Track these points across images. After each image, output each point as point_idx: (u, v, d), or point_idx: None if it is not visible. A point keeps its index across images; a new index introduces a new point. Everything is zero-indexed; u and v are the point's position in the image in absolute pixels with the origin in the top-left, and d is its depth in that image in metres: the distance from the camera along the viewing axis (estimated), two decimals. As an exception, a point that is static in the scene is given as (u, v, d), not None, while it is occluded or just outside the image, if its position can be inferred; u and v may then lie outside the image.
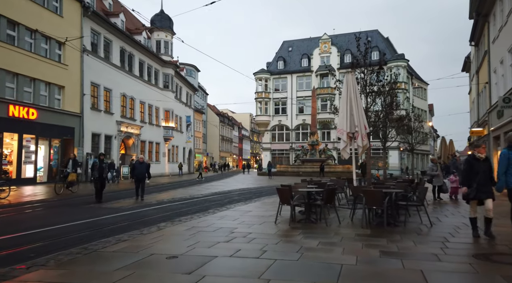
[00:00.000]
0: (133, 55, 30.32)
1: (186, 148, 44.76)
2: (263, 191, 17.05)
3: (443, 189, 11.76)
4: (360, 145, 10.08)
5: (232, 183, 23.89)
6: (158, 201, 12.24)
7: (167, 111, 36.39)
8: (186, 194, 14.73)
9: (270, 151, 53.71)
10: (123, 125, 28.04)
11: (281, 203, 7.59)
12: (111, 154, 26.65)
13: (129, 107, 29.62)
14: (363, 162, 22.13)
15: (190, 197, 13.49)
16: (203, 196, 13.92)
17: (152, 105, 33.76)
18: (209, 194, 14.80)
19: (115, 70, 27.30)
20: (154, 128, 34.31)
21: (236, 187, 19.36)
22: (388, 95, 14.34)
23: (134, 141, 30.08)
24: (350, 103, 10.12)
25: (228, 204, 11.07)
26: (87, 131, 23.47)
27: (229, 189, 17.67)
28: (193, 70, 63.74)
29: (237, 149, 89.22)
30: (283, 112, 53.36)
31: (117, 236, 6.12)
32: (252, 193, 15.83)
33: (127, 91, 28.80)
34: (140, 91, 30.64)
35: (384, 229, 6.59)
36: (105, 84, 25.80)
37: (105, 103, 26.10)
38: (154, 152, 34.12)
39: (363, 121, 10.16)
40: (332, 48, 51.45)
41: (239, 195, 14.75)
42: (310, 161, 39.20)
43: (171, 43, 36.87)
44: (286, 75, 53.31)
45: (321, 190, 7.99)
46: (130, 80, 29.76)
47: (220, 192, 15.84)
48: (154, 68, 34.37)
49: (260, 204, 11.06)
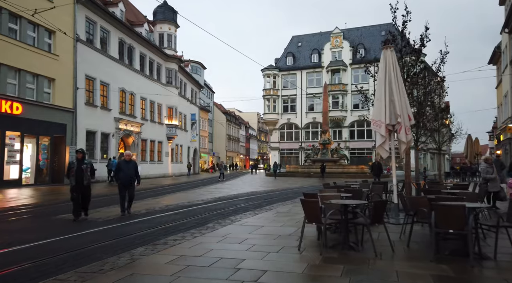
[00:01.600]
0: (133, 47, 28.36)
1: (191, 148, 42.77)
2: (274, 195, 14.86)
3: (500, 196, 9.45)
4: (404, 141, 7.84)
5: (239, 185, 21.74)
6: (148, 210, 10.08)
7: (170, 108, 34.40)
8: (185, 200, 12.60)
9: (278, 150, 51.47)
10: (122, 122, 26.08)
11: (308, 221, 5.37)
12: (108, 153, 24.70)
13: (129, 103, 27.66)
14: (376, 162, 20.06)
15: (188, 204, 11.32)
16: (203, 203, 11.76)
17: (154, 102, 31.79)
18: (212, 200, 12.63)
19: (113, 63, 25.35)
20: (156, 126, 32.34)
21: (243, 190, 17.20)
22: (429, 83, 11.78)
23: (134, 140, 28.12)
24: (390, 87, 7.86)
25: (232, 215, 8.90)
26: (81, 128, 21.53)
27: (235, 193, 15.50)
28: (199, 67, 61.80)
29: (244, 148, 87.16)
30: (292, 110, 51.10)
31: (60, 276, 3.99)
32: (261, 198, 13.64)
33: (126, 86, 26.84)
34: (141, 86, 28.67)
35: (467, 264, 4.36)
36: (101, 78, 23.86)
37: (101, 98, 24.15)
38: (156, 152, 32.15)
39: (406, 110, 7.90)
40: (344, 42, 49.02)
41: (247, 201, 12.57)
42: (322, 161, 36.88)
43: (174, 37, 34.88)
44: (295, 71, 51.04)
45: (363, 203, 5.79)
46: (130, 74, 27.80)
47: (224, 197, 13.68)
48: (157, 62, 32.40)
49: (273, 215, 8.88)
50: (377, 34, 49.59)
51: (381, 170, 19.66)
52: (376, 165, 19.37)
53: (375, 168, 19.13)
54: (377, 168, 18.95)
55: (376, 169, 18.92)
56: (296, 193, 15.55)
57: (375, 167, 19.17)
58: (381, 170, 19.43)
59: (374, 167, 19.30)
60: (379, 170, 18.92)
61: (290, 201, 12.04)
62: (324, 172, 30.52)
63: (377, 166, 19.18)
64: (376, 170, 18.85)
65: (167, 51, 33.69)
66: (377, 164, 19.47)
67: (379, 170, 18.98)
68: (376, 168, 19.00)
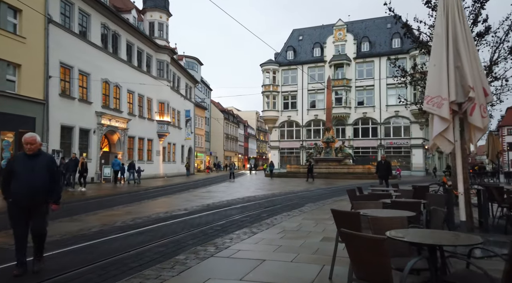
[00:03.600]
0: (118, 35, 25.65)
1: (186, 146, 40.08)
2: (277, 201, 12.20)
3: None
4: (480, 126, 5.18)
5: (235, 188, 19.07)
6: (103, 227, 7.25)
7: (162, 103, 31.71)
8: (163, 209, 9.90)
9: (278, 149, 48.83)
10: (105, 117, 23.39)
11: (358, 276, 2.65)
12: (89, 151, 22.01)
13: (114, 96, 24.96)
14: (383, 160, 15.02)
15: (163, 217, 8.58)
16: (185, 214, 9.04)
17: (143, 96, 29.09)
18: (197, 210, 9.93)
19: (94, 50, 22.65)
20: (146, 122, 29.64)
21: (239, 195, 14.52)
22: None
23: (120, 137, 25.41)
24: (456, 46, 5.17)
25: (219, 236, 6.24)
26: (54, 122, 18.83)
27: (230, 199, 12.83)
28: (195, 63, 59.16)
29: (242, 148, 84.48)
30: (292, 107, 48.47)
31: None
32: (260, 205, 10.97)
33: (110, 77, 24.13)
34: (128, 78, 25.96)
35: None
36: (80, 67, 21.16)
37: (80, 89, 21.45)
38: (146, 150, 29.45)
39: (481, 81, 5.21)
40: (348, 35, 46.40)
41: (242, 210, 9.89)
42: (325, 160, 34.26)
43: (166, 26, 32.20)
44: (296, 66, 48.37)
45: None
46: (115, 64, 25.10)
47: (215, 205, 10.98)
48: (146, 52, 29.71)
49: (278, 235, 6.22)
50: (383, 26, 47.03)
51: (390, 170, 14.98)
52: (383, 164, 14.56)
53: (381, 168, 14.39)
54: (385, 168, 14.23)
55: (383, 169, 14.23)
56: (302, 198, 12.89)
57: (381, 167, 14.42)
58: (390, 170, 14.81)
59: (380, 166, 14.53)
60: (387, 171, 14.29)
61: (298, 211, 9.40)
62: (312, 172, 27.11)
63: (385, 165, 14.43)
64: (383, 171, 14.22)
65: (158, 42, 31.00)
66: (384, 163, 14.75)
67: (387, 171, 14.37)
68: (383, 168, 14.27)
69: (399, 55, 43.67)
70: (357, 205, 4.79)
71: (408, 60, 42.74)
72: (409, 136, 42.92)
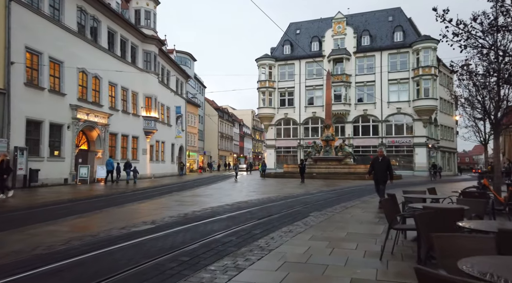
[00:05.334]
0: (98, 21, 23.20)
1: (176, 145, 37.65)
2: (273, 209, 9.89)
3: None
4: None
5: (225, 191, 16.75)
6: (24, 255, 5.01)
7: (149, 98, 29.27)
8: (121, 223, 7.35)
9: (274, 148, 46.55)
10: (82, 111, 20.95)
11: None
12: (61, 149, 19.57)
13: (92, 88, 22.51)
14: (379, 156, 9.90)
15: (114, 237, 5.91)
16: (147, 233, 6.33)
17: (127, 89, 26.66)
18: (168, 224, 7.36)
19: (69, 36, 20.20)
20: (131, 118, 27.21)
21: (229, 200, 12.19)
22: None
23: (100, 133, 22.97)
24: None
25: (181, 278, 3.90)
26: (17, 115, 16.38)
27: (215, 206, 10.48)
28: (188, 59, 56.78)
29: (238, 147, 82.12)
30: (289, 104, 46.22)
31: None
32: (253, 216, 8.63)
33: (88, 66, 21.69)
34: (109, 69, 23.50)
35: None
36: (52, 53, 18.71)
37: (52, 79, 19.00)
38: (130, 148, 27.00)
39: None
40: (347, 28, 44.22)
41: (228, 224, 7.42)
42: (325, 160, 32.04)
43: (154, 14, 29.77)
44: (293, 61, 46.16)
45: None
46: (94, 52, 22.66)
47: (194, 216, 8.55)
48: (131, 42, 27.26)
49: (278, 274, 3.91)
50: (383, 19, 44.93)
51: (391, 171, 9.70)
52: (381, 162, 9.74)
53: (378, 167, 9.76)
54: (383, 168, 9.61)
55: (381, 169, 9.62)
56: (304, 205, 10.61)
57: (378, 166, 9.77)
58: (390, 171, 9.67)
59: (377, 165, 9.81)
60: (386, 172, 9.59)
61: (302, 223, 7.12)
62: (304, 173, 24.67)
63: (383, 164, 9.69)
64: (380, 172, 9.66)
65: (144, 31, 28.56)
66: (381, 160, 9.84)
67: (387, 172, 9.60)
68: (380, 168, 9.65)
69: (401, 49, 41.67)
70: (442, 242, 2.47)
71: (411, 54, 40.64)
72: (411, 134, 40.82)
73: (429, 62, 39.22)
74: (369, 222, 7.41)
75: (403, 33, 42.12)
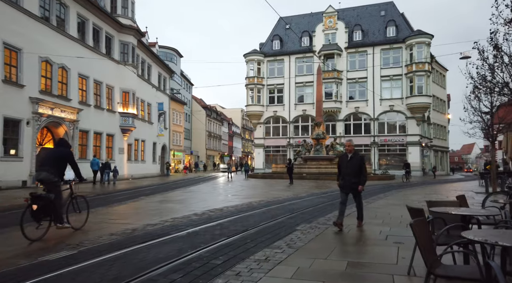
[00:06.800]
0: (66, 6, 20.96)
1: (159, 144, 35.46)
2: (252, 220, 7.97)
3: None
4: None
5: (202, 195, 14.77)
6: None
7: (126, 93, 27.06)
8: (35, 247, 5.51)
9: (263, 148, 44.67)
10: (45, 105, 18.73)
11: None
12: (19, 148, 17.32)
13: (59, 80, 20.27)
14: (348, 153, 7.09)
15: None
16: (59, 267, 4.67)
17: (101, 82, 24.43)
18: (101, 247, 5.41)
19: (30, 20, 17.96)
20: (105, 114, 24.99)
21: (200, 208, 10.20)
22: None
23: (68, 130, 20.74)
24: None
25: None
26: (-40, 108, 14.16)
27: (180, 216, 8.44)
28: (173, 55, 54.58)
29: (226, 147, 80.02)
30: (279, 102, 44.38)
31: None
32: (223, 232, 6.60)
33: (54, 56, 19.45)
34: (79, 60, 21.28)
35: None
36: (5, 38, 16.46)
37: (7, 68, 16.75)
38: (104, 147, 24.78)
39: None
40: (339, 23, 42.59)
41: (182, 247, 5.38)
42: (316, 159, 30.26)
43: (131, 2, 27.59)
44: (282, 57, 44.32)
45: None
46: (61, 41, 20.43)
47: (143, 233, 6.35)
48: (106, 31, 25.03)
49: None
50: (376, 14, 43.45)
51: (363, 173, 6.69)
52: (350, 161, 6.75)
53: (346, 168, 6.79)
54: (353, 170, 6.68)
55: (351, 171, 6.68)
56: (290, 214, 8.70)
57: (346, 166, 6.79)
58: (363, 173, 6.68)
59: (344, 165, 6.84)
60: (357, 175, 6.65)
61: (284, 244, 5.22)
62: (293, 173, 22.79)
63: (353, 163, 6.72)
64: (348, 175, 6.70)
65: (121, 20, 26.36)
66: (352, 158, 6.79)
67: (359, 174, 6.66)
68: (349, 169, 6.72)
69: (394, 45, 40.19)
70: None
71: (404, 50, 39.15)
72: (404, 132, 39.38)
73: (423, 58, 37.80)
74: (375, 242, 5.56)
75: (396, 28, 40.67)
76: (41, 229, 5.79)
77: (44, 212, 5.80)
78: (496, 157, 44.41)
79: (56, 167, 6.11)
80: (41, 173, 6.05)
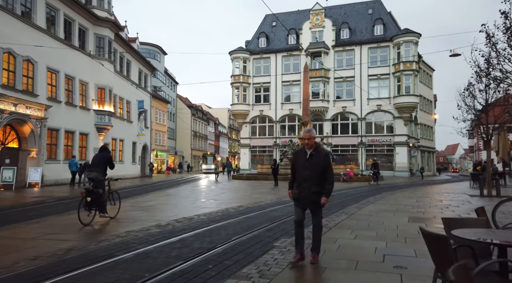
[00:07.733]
0: (32, -7, 19.34)
1: (139, 143, 33.86)
2: (223, 234, 6.71)
3: None
4: None
5: (176, 200, 13.47)
6: None
7: (102, 89, 25.44)
8: None
9: (249, 148, 43.48)
10: (7, 100, 17.08)
11: None
12: (-25, 147, 15.69)
13: (23, 73, 18.62)
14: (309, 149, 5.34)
15: None
16: None
17: (73, 78, 22.80)
18: None
19: (-12, 7, 16.33)
20: (78, 112, 23.35)
21: (167, 216, 8.91)
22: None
23: (34, 129, 19.10)
24: None
25: None
26: None
27: (137, 229, 7.11)
28: (157, 52, 52.95)
29: (213, 147, 78.51)
30: (265, 101, 43.27)
31: None
32: (181, 252, 5.29)
33: (17, 47, 17.81)
34: (48, 53, 19.67)
35: None
36: (-41, 26, 14.84)
37: (-39, 59, 15.12)
38: (77, 147, 23.14)
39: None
40: (326, 21, 41.74)
41: (137, 265, 4.32)
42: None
43: (108, -7, 26.01)
44: (269, 55, 43.24)
45: None
46: (27, 32, 18.78)
47: (72, 261, 5.31)
48: (79, 23, 23.40)
49: None
50: (363, 12, 42.77)
51: (330, 178, 4.62)
52: (309, 159, 4.50)
53: (304, 169, 4.56)
54: (311, 169, 4.50)
55: (307, 173, 4.53)
56: (270, 223, 7.50)
57: (304, 167, 4.55)
58: (328, 178, 4.59)
59: (301, 165, 4.58)
60: (318, 180, 4.53)
61: (256, 272, 4.02)
62: (278, 174, 21.50)
63: (314, 161, 4.50)
64: (306, 180, 4.53)
65: (96, 12, 24.75)
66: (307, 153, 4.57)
67: (320, 179, 4.56)
68: (308, 171, 4.51)
69: (382, 43, 39.56)
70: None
71: (391, 49, 38.55)
72: (392, 132, 38.77)
73: (410, 57, 37.24)
74: (371, 267, 4.40)
75: (383, 26, 40.04)
76: (90, 216, 7.47)
77: (93, 204, 7.49)
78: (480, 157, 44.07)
79: (101, 168, 7.88)
80: (92, 173, 7.79)
